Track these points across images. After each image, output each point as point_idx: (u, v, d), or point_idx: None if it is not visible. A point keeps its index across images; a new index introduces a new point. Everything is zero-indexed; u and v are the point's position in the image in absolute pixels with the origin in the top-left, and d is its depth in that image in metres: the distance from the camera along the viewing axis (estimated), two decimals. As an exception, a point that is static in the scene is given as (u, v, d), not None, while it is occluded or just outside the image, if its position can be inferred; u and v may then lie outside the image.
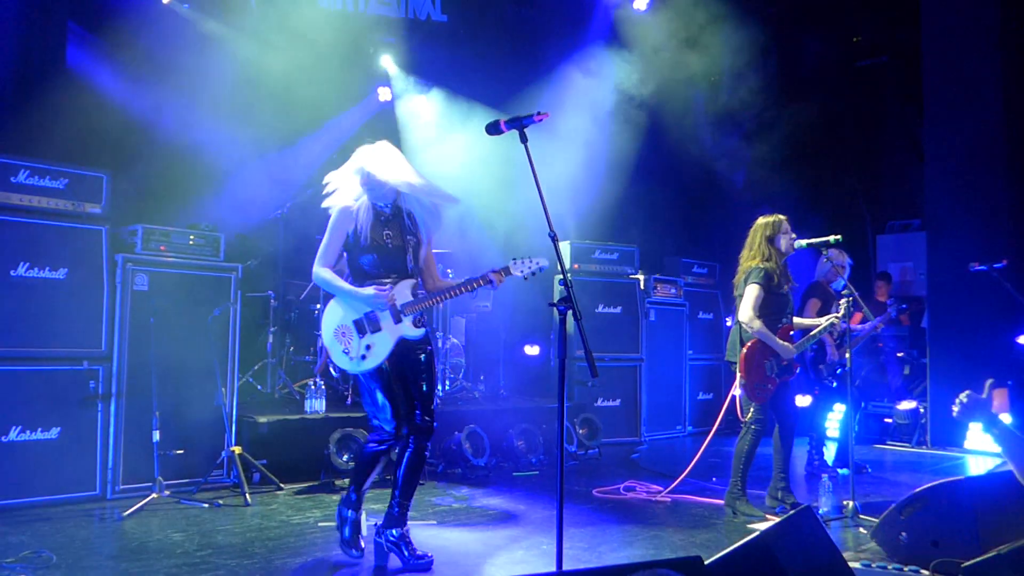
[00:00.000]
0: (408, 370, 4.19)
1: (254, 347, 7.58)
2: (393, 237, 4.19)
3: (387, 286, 4.11)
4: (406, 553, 4.15)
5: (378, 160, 4.14)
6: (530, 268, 4.04)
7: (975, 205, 8.58)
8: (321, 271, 4.17)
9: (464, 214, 8.24)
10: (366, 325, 4.09)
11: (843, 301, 5.59)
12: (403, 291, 4.14)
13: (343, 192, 4.24)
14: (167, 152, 7.31)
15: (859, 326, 7.16)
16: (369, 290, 4.06)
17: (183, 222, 6.19)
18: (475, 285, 4.06)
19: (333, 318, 4.18)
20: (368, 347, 4.07)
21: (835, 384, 6.85)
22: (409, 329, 4.12)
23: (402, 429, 4.16)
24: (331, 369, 7.18)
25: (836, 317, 5.70)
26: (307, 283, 7.83)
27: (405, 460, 4.17)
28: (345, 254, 4.24)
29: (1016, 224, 8.67)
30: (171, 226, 5.94)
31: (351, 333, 4.10)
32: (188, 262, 5.93)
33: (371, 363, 4.07)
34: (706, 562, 2.55)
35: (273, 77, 8.53)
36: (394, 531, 4.19)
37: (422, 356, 4.23)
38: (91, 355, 5.45)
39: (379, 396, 4.13)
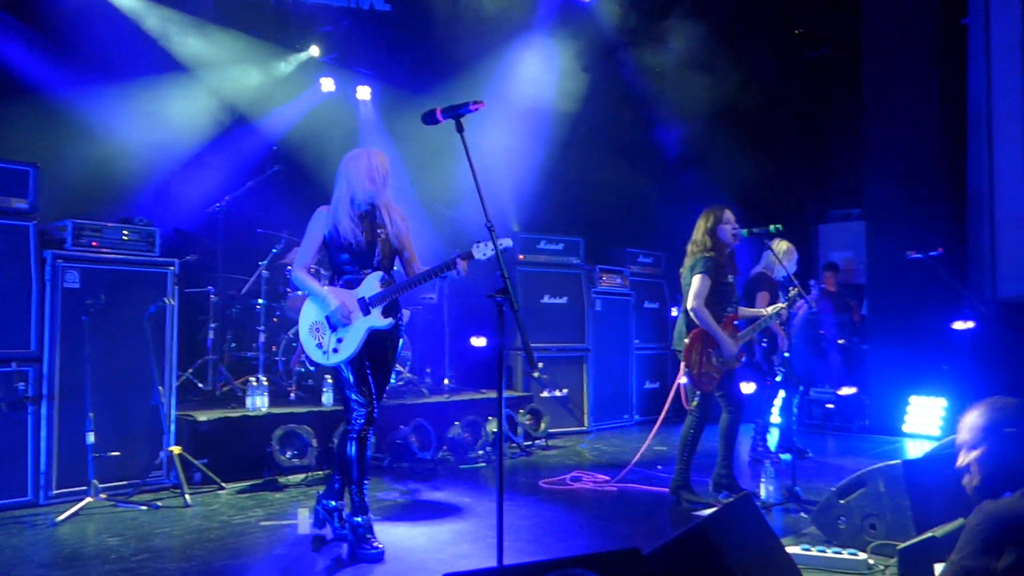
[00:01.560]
0: (371, 358, 4.41)
1: (194, 344, 7.42)
2: (365, 233, 4.40)
3: (357, 285, 4.37)
4: (371, 538, 4.30)
5: (359, 164, 4.38)
6: (492, 251, 4.04)
7: (912, 195, 8.78)
8: (297, 272, 4.46)
9: (407, 205, 8.16)
10: (338, 319, 4.29)
11: (793, 290, 5.66)
12: (371, 284, 4.37)
13: (336, 193, 4.45)
14: (99, 145, 7.08)
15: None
16: (334, 301, 4.28)
17: (116, 217, 6.00)
18: (440, 272, 4.16)
19: (308, 315, 4.42)
20: (339, 340, 4.30)
21: (781, 374, 6.96)
22: (378, 320, 4.33)
23: (373, 414, 4.38)
24: (306, 363, 7.16)
25: (783, 306, 5.76)
26: (247, 278, 7.68)
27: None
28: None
29: (952, 214, 8.89)
30: (104, 221, 5.75)
31: (324, 328, 4.34)
32: (122, 258, 5.73)
33: (342, 355, 4.29)
34: (645, 552, 2.55)
35: (210, 67, 8.35)
36: (359, 518, 4.32)
37: (387, 347, 4.51)
38: (19, 356, 5.23)
39: (353, 384, 4.33)
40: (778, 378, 6.96)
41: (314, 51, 9.61)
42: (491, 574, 2.07)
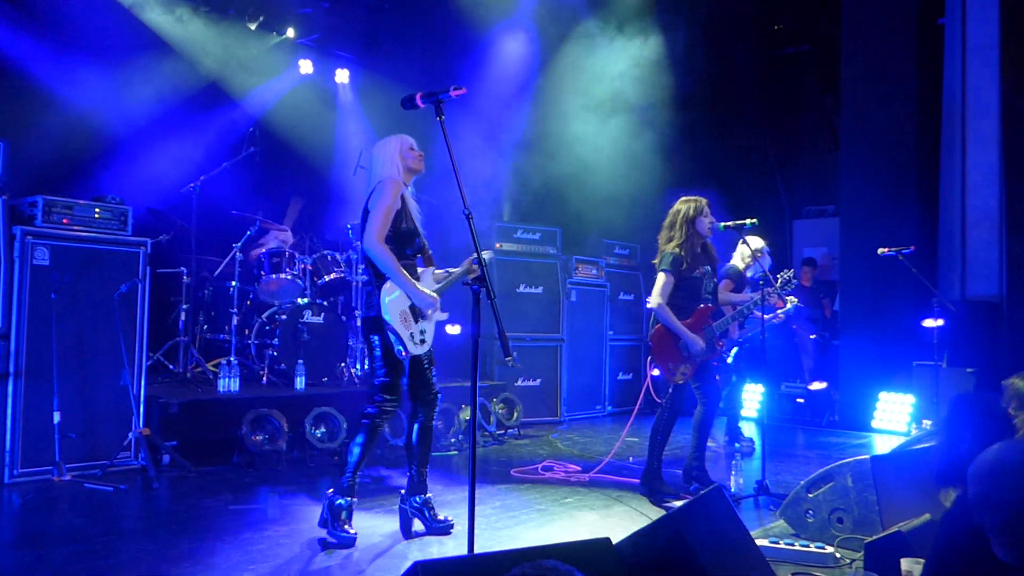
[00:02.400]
0: None
1: (165, 325, 7.35)
2: (420, 221, 4.43)
3: (419, 275, 4.43)
4: (428, 516, 4.48)
5: (405, 146, 4.34)
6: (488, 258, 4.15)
7: (886, 192, 8.86)
8: (382, 247, 4.17)
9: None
10: (420, 311, 4.33)
11: (781, 275, 5.63)
12: (429, 280, 4.49)
13: (384, 166, 4.32)
14: (72, 121, 6.97)
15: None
16: (430, 297, 4.28)
17: (88, 194, 5.91)
18: (462, 273, 4.49)
19: (398, 303, 4.27)
20: (423, 331, 4.40)
21: (730, 361, 7.05)
22: (441, 315, 4.50)
23: (416, 402, 4.54)
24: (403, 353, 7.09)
25: (763, 295, 5.69)
26: (221, 259, 7.61)
27: (422, 430, 4.59)
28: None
29: (924, 212, 8.98)
30: (75, 198, 5.66)
31: (410, 318, 4.32)
32: (93, 236, 5.64)
33: (427, 346, 4.44)
34: (615, 542, 2.55)
35: (186, 45, 8.23)
36: (417, 498, 4.50)
37: None
38: (-13, 333, 5.18)
39: (408, 372, 4.44)
40: (729, 360, 7.07)
41: (291, 32, 9.51)
42: (462, 562, 2.06)
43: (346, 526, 4.24)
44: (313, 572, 3.82)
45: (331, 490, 4.32)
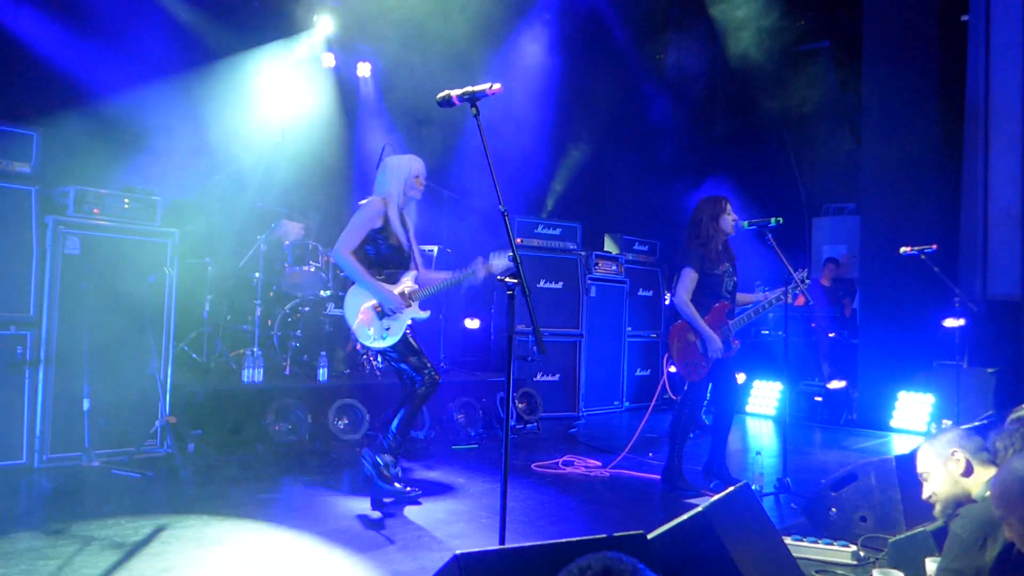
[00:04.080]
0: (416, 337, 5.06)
1: (190, 315, 7.41)
2: (408, 233, 5.03)
3: (398, 281, 4.95)
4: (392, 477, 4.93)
5: (409, 168, 5.00)
6: (509, 261, 4.71)
7: (907, 190, 8.82)
8: (348, 256, 4.82)
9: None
10: (390, 311, 4.83)
11: (799, 274, 5.62)
12: (408, 281, 4.97)
13: (388, 183, 4.98)
14: (101, 112, 7.03)
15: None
16: (392, 297, 4.81)
17: (117, 185, 5.98)
18: (464, 278, 4.95)
19: (357, 302, 4.86)
20: (387, 328, 4.84)
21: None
22: (417, 312, 4.98)
23: (427, 377, 4.92)
24: (357, 345, 7.41)
25: (781, 294, 5.70)
26: (246, 251, 7.67)
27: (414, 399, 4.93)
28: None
29: (946, 210, 8.94)
30: (105, 188, 5.73)
31: (372, 316, 4.82)
32: (123, 226, 5.71)
33: (390, 341, 4.85)
34: (648, 536, 2.59)
35: (213, 39, 8.28)
36: (380, 457, 4.87)
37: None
38: (18, 320, 5.24)
39: (413, 358, 4.92)
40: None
41: (323, 27, 9.54)
42: (505, 554, 2.09)
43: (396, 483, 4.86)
44: (340, 559, 3.87)
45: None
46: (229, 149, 8.12)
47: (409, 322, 4.92)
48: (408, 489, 4.92)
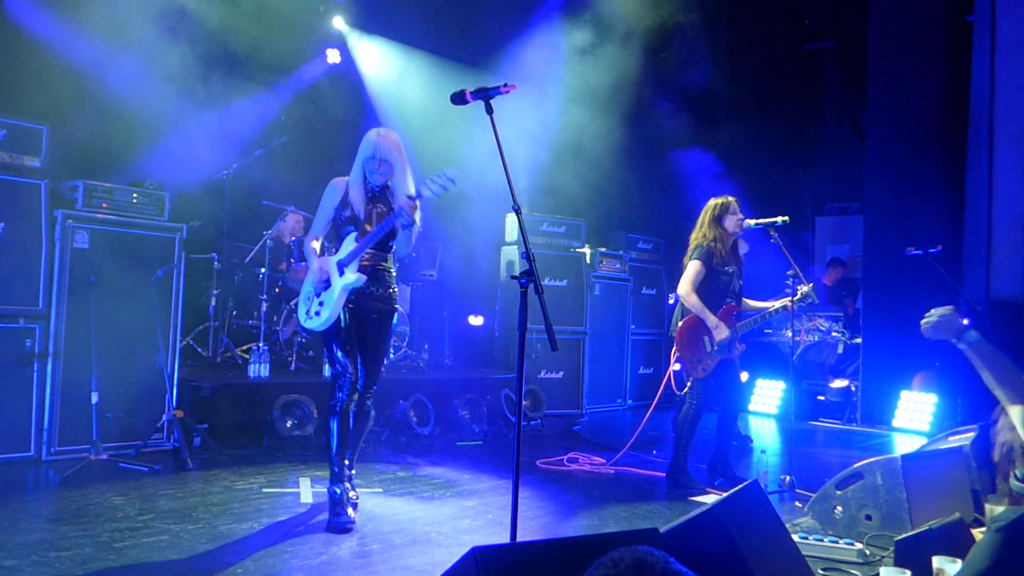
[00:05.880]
0: (361, 327, 4.45)
1: (196, 310, 7.43)
2: (376, 210, 4.42)
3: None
4: (340, 511, 4.31)
5: (369, 144, 4.39)
6: (440, 184, 4.15)
7: (911, 190, 8.83)
8: (306, 242, 4.53)
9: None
10: (320, 285, 4.40)
11: (803, 287, 5.59)
12: (346, 247, 4.41)
13: (353, 169, 4.47)
14: (110, 107, 7.03)
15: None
16: (313, 265, 4.40)
17: (125, 179, 6.00)
18: (394, 223, 4.27)
19: (305, 284, 4.51)
20: (321, 303, 4.38)
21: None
22: (351, 278, 4.34)
23: (357, 385, 4.45)
24: (300, 332, 7.21)
25: (790, 300, 5.71)
26: (252, 246, 7.69)
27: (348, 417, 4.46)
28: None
29: (950, 211, 8.95)
30: (113, 183, 5.75)
31: (311, 294, 4.44)
32: (131, 220, 5.75)
33: (323, 319, 4.34)
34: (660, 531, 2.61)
35: (218, 33, 8.27)
36: (336, 488, 4.37)
37: (382, 319, 4.52)
38: (27, 313, 5.27)
39: (337, 352, 4.40)
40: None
41: (337, 22, 9.54)
42: (524, 548, 2.10)
43: (345, 513, 4.29)
44: (351, 554, 3.89)
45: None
46: (237, 145, 8.13)
47: (345, 301, 4.36)
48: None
